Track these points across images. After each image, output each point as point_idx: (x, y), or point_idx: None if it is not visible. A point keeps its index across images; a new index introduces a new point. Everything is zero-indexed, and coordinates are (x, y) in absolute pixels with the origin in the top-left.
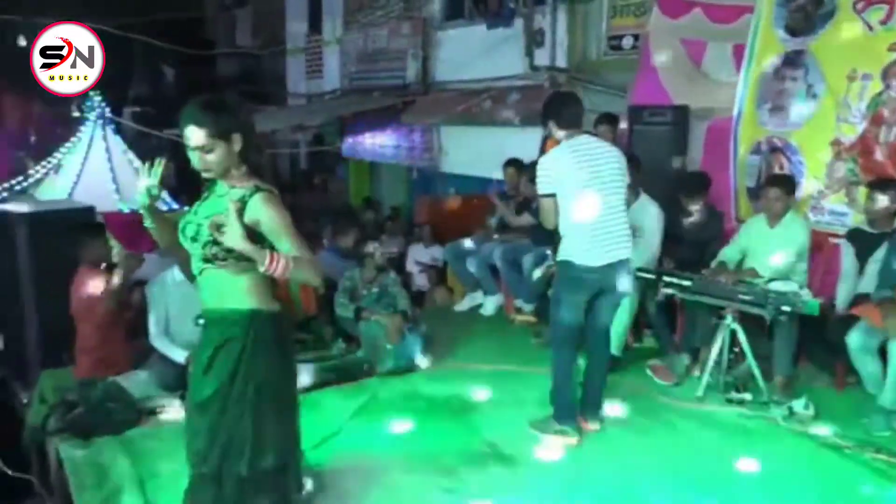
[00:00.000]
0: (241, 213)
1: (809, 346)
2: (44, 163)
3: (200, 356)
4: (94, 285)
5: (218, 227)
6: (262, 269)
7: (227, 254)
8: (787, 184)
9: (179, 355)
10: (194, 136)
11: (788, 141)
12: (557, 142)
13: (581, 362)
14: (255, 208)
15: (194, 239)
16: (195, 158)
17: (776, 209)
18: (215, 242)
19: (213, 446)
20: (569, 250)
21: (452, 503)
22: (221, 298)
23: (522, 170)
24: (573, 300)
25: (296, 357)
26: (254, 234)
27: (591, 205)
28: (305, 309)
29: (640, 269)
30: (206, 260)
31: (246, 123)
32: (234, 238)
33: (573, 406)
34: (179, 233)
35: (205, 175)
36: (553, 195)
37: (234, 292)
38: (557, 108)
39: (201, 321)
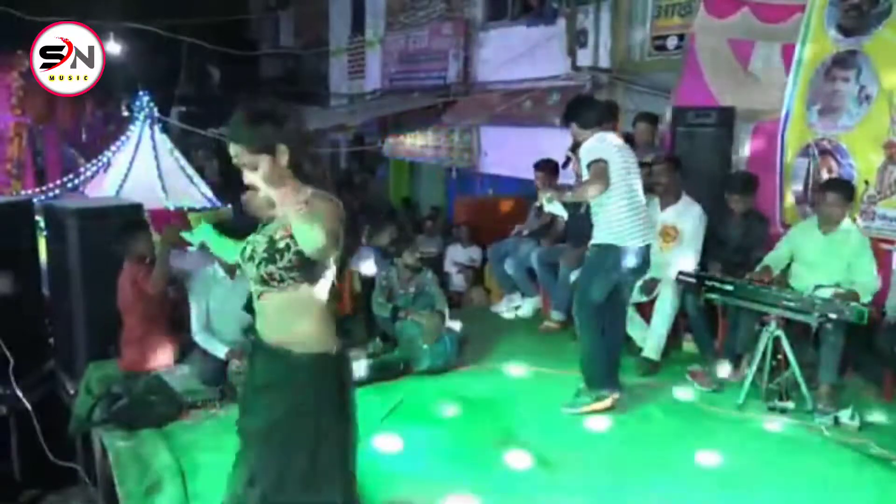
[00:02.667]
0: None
1: (857, 355)
2: (94, 161)
3: (252, 383)
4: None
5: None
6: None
7: (286, 272)
8: (846, 189)
9: (220, 350)
10: (236, 154)
11: (839, 143)
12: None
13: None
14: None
15: (251, 258)
16: (245, 176)
17: (833, 215)
18: (271, 260)
19: (255, 484)
20: (612, 234)
21: (487, 503)
22: (283, 334)
23: (555, 172)
24: (607, 280)
25: (355, 403)
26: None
27: (631, 189)
28: (341, 308)
29: (681, 273)
30: (264, 281)
31: (293, 132)
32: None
33: (605, 372)
34: (239, 255)
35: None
36: (606, 162)
37: (299, 330)
38: (578, 110)
39: (251, 337)
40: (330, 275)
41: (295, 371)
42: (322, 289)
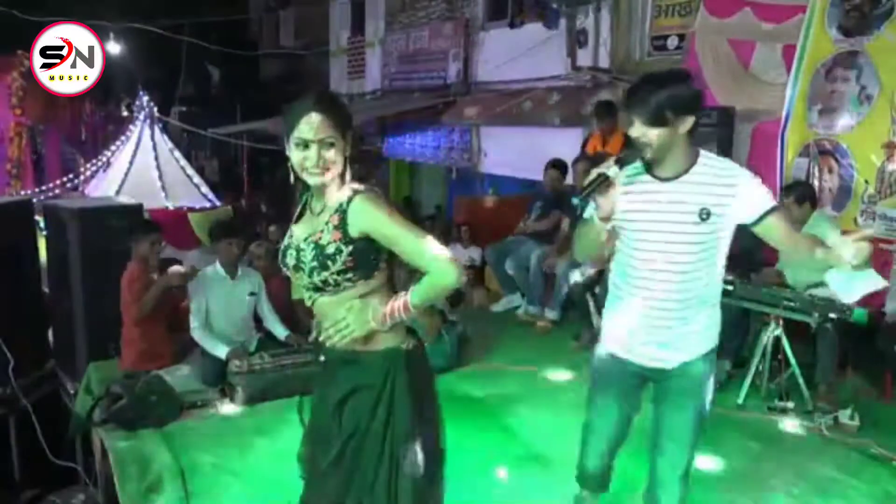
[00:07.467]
0: (342, 226)
1: (856, 355)
2: (94, 161)
3: (325, 400)
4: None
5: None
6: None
7: (340, 276)
8: (798, 191)
9: (220, 350)
10: (317, 125)
11: (839, 143)
12: (604, 143)
13: None
14: (357, 215)
15: (297, 268)
16: (312, 156)
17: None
18: (323, 268)
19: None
20: (718, 321)
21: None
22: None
23: (564, 173)
24: None
25: (438, 403)
26: (369, 247)
27: None
28: (428, 333)
29: None
30: (318, 289)
31: (350, 120)
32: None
33: None
34: (279, 262)
35: (317, 181)
36: None
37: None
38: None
39: (321, 358)
40: (384, 264)
41: (365, 373)
42: (379, 279)
